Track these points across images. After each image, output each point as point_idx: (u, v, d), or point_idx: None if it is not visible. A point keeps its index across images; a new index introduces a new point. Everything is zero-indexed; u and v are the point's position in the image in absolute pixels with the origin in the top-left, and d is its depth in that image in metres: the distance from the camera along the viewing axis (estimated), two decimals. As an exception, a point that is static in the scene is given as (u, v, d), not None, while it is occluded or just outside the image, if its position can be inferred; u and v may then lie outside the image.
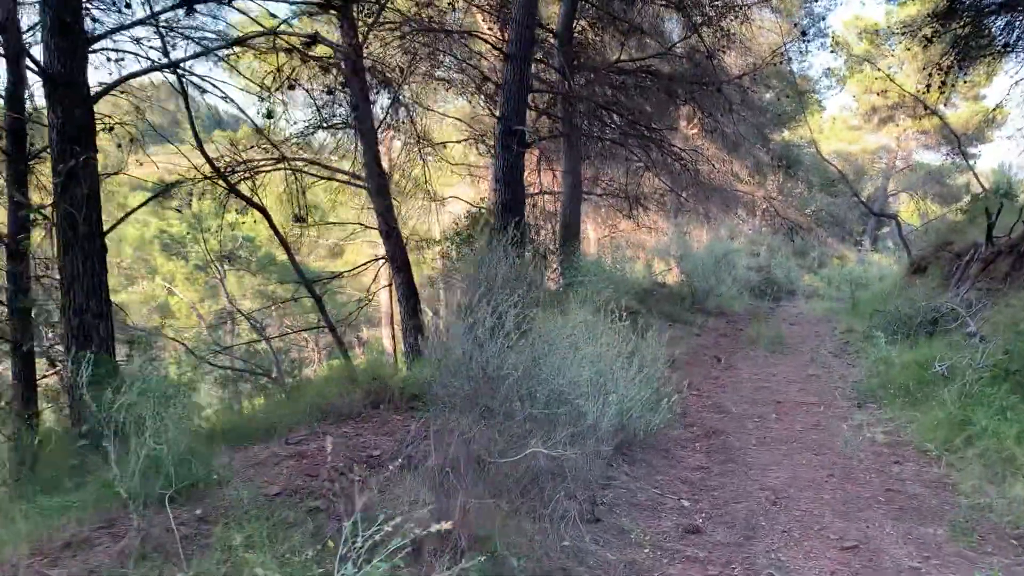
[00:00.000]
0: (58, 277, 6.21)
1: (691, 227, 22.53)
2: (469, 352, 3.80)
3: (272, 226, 9.96)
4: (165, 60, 6.77)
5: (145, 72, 6.21)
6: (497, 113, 10.62)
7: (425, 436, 3.93)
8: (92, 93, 5.60)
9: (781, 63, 14.76)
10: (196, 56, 6.39)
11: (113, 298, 6.23)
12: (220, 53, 6.70)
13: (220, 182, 9.75)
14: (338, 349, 11.54)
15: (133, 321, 18.81)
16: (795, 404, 7.54)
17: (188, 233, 18.57)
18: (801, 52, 16.79)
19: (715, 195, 19.48)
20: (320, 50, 7.75)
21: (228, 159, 10.58)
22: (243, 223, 12.40)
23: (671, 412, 5.37)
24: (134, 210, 7.10)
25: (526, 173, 15.02)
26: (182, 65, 6.37)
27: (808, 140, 24.32)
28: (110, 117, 7.81)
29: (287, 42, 6.87)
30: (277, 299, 17.43)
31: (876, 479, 5.24)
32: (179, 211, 10.30)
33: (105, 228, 6.08)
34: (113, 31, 5.86)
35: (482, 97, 13.67)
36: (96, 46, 5.75)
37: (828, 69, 28.91)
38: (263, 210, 9.98)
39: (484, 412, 3.44)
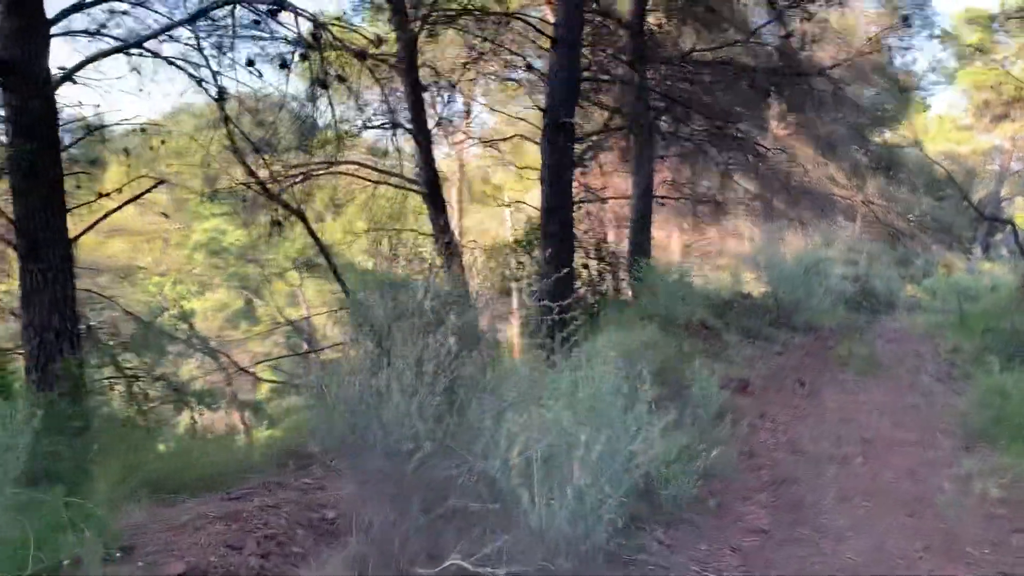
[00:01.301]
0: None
1: (784, 233, 21.14)
2: (362, 415, 2.94)
3: (310, 231, 9.43)
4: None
5: (108, 54, 5.59)
6: (543, 105, 9.57)
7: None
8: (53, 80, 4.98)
9: (879, 51, 13.38)
10: (159, 32, 5.73)
11: (183, 305, 5.62)
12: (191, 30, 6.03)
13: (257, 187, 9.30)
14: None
15: (201, 330, 18.75)
16: (887, 443, 6.33)
17: (235, 241, 18.37)
18: (903, 42, 15.25)
19: (807, 199, 18.21)
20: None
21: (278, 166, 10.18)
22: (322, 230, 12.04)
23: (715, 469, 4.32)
24: (109, 214, 6.51)
25: (597, 176, 14.09)
26: (146, 45, 5.71)
27: (911, 141, 22.56)
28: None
29: (251, 9, 6.16)
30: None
31: (988, 556, 4.07)
32: (166, 215, 9.85)
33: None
34: (73, 9, 5.24)
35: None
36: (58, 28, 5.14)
37: (936, 60, 26.86)
38: (302, 215, 9.44)
39: (394, 498, 2.58)
